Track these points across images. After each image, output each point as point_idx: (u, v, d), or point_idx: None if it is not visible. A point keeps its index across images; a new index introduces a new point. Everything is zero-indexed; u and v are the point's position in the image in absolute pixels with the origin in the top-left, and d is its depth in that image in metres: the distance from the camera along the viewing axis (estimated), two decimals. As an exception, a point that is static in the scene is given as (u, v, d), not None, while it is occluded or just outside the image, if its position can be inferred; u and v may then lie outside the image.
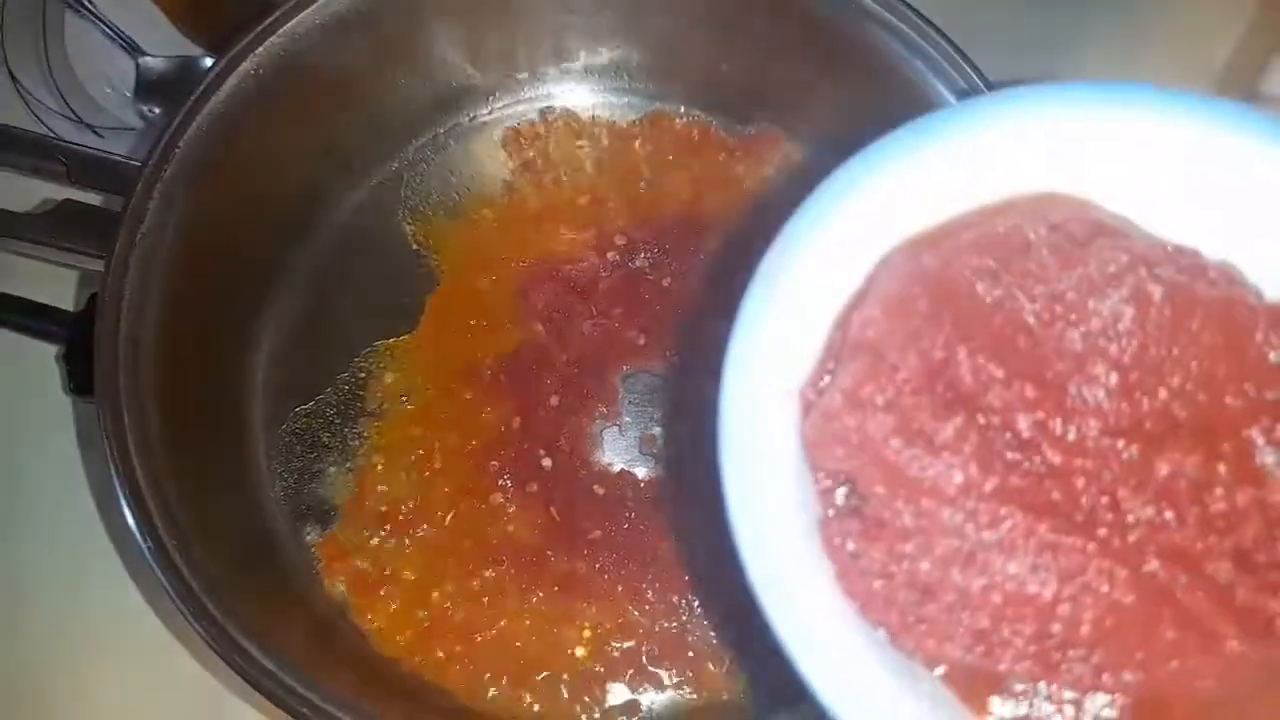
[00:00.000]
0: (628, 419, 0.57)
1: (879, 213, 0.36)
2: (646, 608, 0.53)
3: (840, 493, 0.34)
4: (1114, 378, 0.33)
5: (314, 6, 0.53)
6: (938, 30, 0.52)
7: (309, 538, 0.55)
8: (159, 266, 0.50)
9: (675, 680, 0.52)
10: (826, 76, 0.58)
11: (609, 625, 0.52)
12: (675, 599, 0.53)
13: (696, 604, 0.53)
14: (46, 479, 0.60)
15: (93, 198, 0.56)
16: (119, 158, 0.55)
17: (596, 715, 0.51)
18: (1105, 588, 0.32)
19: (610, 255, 0.59)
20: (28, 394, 0.61)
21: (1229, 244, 0.36)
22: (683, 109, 0.63)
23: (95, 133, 0.64)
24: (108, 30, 0.66)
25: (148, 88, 0.65)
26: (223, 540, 0.49)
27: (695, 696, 0.52)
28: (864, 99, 0.57)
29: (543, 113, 0.63)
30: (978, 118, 0.36)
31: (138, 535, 0.46)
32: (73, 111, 0.65)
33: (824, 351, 0.35)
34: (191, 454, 0.50)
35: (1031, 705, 0.33)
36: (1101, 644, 0.32)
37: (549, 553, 0.53)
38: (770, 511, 0.33)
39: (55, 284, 0.61)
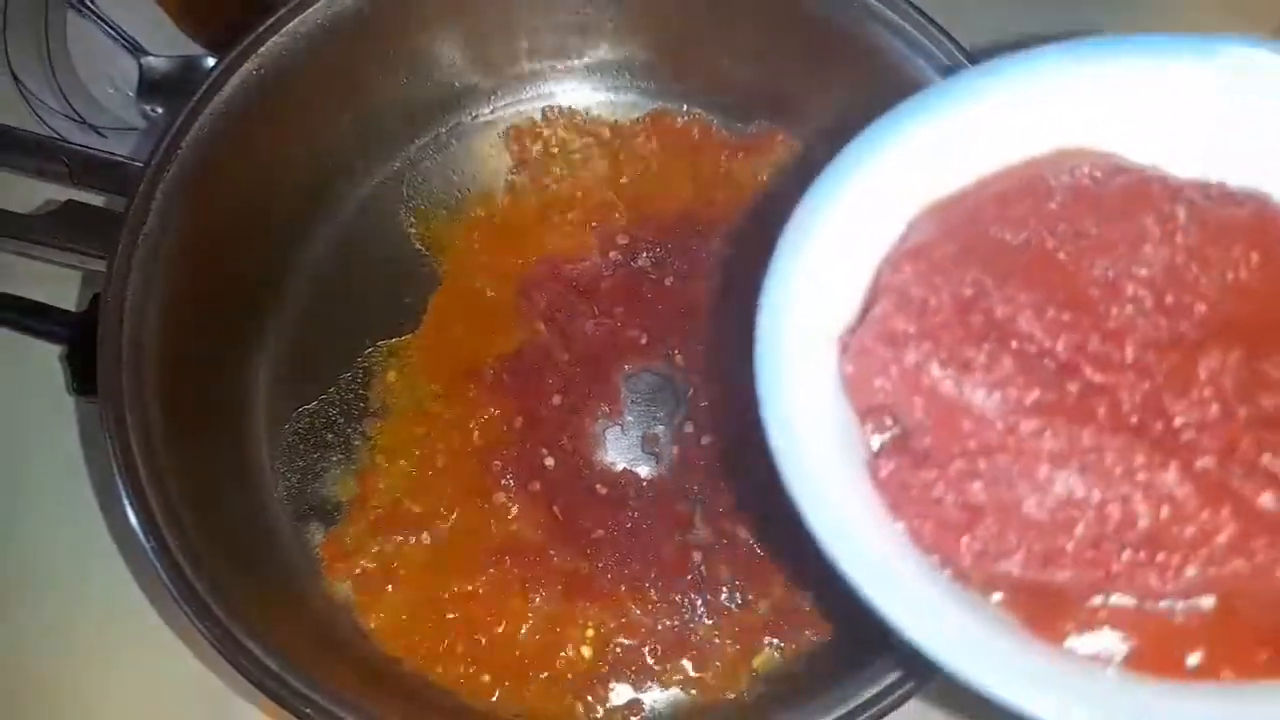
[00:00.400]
0: (630, 418, 0.57)
1: (903, 173, 0.36)
2: (649, 607, 0.53)
3: (883, 429, 0.35)
4: (1147, 297, 0.34)
5: (316, 6, 0.53)
6: (940, 29, 0.52)
7: (312, 537, 0.55)
8: (161, 267, 0.50)
9: (678, 679, 0.52)
10: (828, 75, 0.58)
11: (612, 624, 0.52)
12: (678, 598, 0.53)
13: (699, 603, 0.53)
14: (50, 479, 0.60)
15: (96, 198, 0.56)
16: (121, 158, 0.55)
17: (599, 714, 0.51)
18: (1159, 486, 0.32)
19: (612, 254, 0.59)
20: (31, 394, 0.61)
21: (1256, 175, 0.36)
22: (684, 107, 0.63)
23: (98, 133, 0.65)
24: (110, 30, 0.66)
25: (150, 88, 0.66)
26: (225, 539, 0.49)
27: (698, 695, 0.52)
28: (866, 98, 0.56)
29: (544, 111, 0.63)
30: (1000, 77, 0.37)
31: (140, 535, 0.46)
32: (75, 112, 0.65)
33: (857, 302, 0.36)
34: (194, 453, 0.50)
35: (1103, 630, 0.33)
36: (1162, 544, 0.32)
37: (551, 552, 0.53)
38: (817, 457, 0.33)
39: (58, 284, 0.61)
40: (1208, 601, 0.33)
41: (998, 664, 0.31)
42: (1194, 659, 0.32)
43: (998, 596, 0.33)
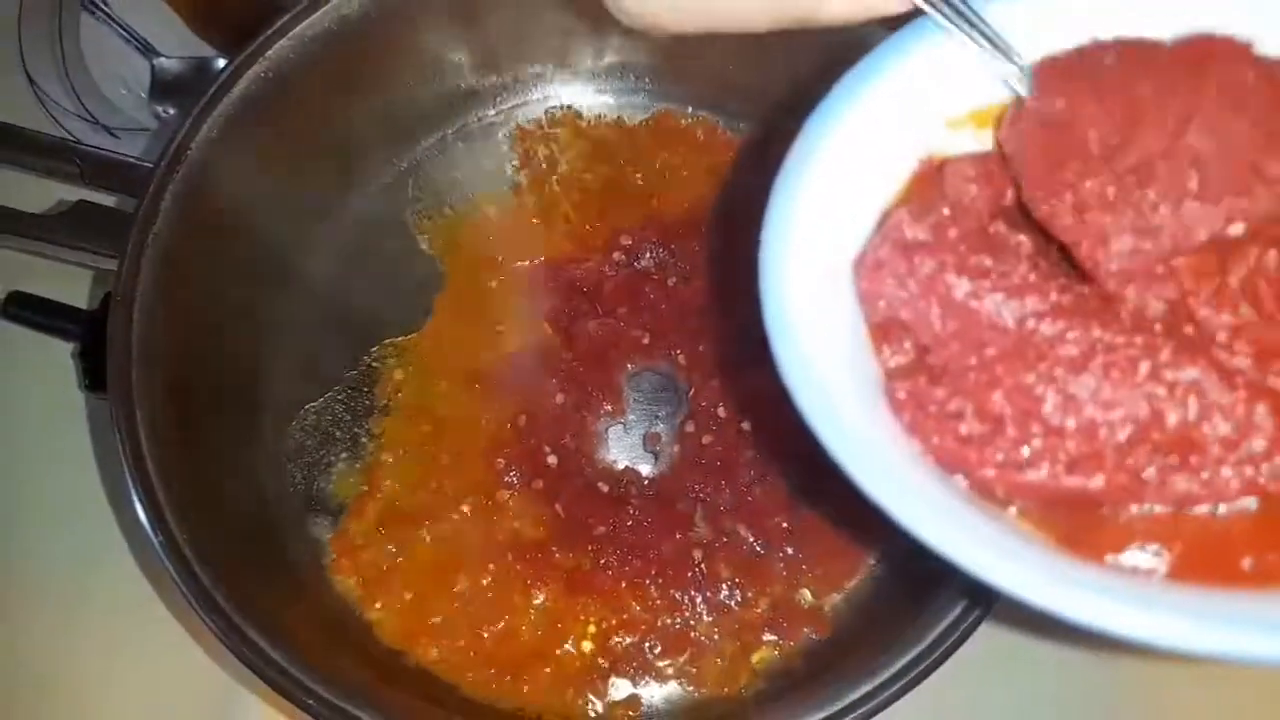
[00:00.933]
0: (633, 417, 0.58)
1: (913, 92, 0.36)
2: (650, 603, 0.53)
3: (899, 349, 0.34)
4: (1193, 178, 0.32)
5: (324, 9, 0.54)
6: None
7: (318, 532, 0.56)
8: (171, 266, 0.51)
9: (678, 675, 0.53)
10: (834, 77, 0.58)
11: (613, 621, 0.53)
12: (678, 595, 0.53)
13: (699, 600, 0.53)
14: (61, 474, 0.61)
15: (107, 198, 0.57)
16: (132, 159, 0.56)
17: (599, 709, 0.52)
18: (1187, 384, 0.30)
19: (616, 255, 0.60)
20: (44, 390, 0.62)
21: None
22: (689, 109, 0.64)
23: (110, 134, 0.65)
24: (123, 32, 0.67)
25: (162, 89, 0.66)
26: (233, 534, 0.50)
27: (697, 691, 0.52)
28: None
29: (549, 113, 0.64)
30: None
31: (149, 529, 0.46)
32: (88, 112, 0.66)
33: (869, 225, 0.35)
34: (202, 450, 0.51)
35: (1143, 541, 0.31)
36: (1194, 445, 0.30)
37: (554, 549, 0.54)
38: (833, 382, 0.32)
39: (71, 283, 0.62)
40: (1249, 502, 0.31)
41: (1041, 572, 0.29)
42: (1246, 563, 0.30)
43: (1026, 514, 0.32)
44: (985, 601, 0.45)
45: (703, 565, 0.54)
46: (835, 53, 0.56)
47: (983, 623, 0.45)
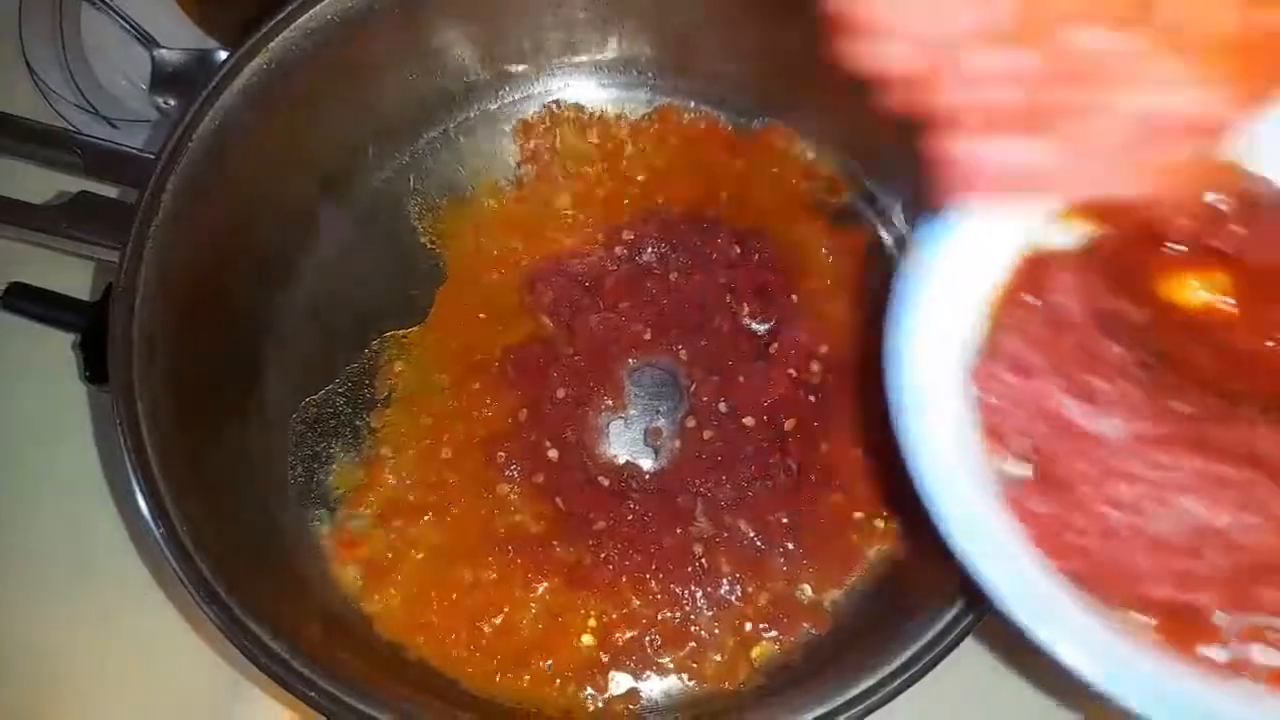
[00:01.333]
0: (633, 411, 0.58)
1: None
2: (650, 598, 0.53)
3: (1012, 455, 0.37)
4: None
5: (326, 1, 0.53)
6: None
7: (318, 525, 0.56)
8: (172, 258, 0.51)
9: (677, 670, 0.53)
10: (834, 72, 0.58)
11: (613, 615, 0.53)
12: (678, 589, 0.53)
13: (699, 595, 0.54)
14: (62, 465, 0.61)
15: (108, 190, 0.57)
16: (134, 150, 0.56)
17: (599, 703, 0.52)
18: None
19: (618, 249, 0.60)
20: (45, 381, 0.62)
21: None
22: (691, 103, 0.63)
23: (111, 125, 0.65)
24: (124, 23, 0.67)
25: (163, 80, 0.66)
26: (234, 527, 0.50)
27: (697, 686, 0.53)
28: (871, 93, 0.57)
29: (551, 107, 0.63)
30: None
31: (150, 521, 0.46)
32: (89, 104, 0.65)
33: (980, 339, 0.38)
34: (203, 441, 0.51)
35: (1238, 647, 0.34)
36: None
37: (554, 543, 0.54)
38: (964, 489, 0.35)
39: (72, 274, 0.62)
40: None
41: (1147, 687, 0.33)
42: None
43: (1134, 616, 0.35)
44: (984, 603, 0.45)
45: (703, 560, 0.54)
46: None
47: (981, 620, 0.45)
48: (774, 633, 0.53)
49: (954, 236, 0.38)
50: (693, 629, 0.53)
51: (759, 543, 0.54)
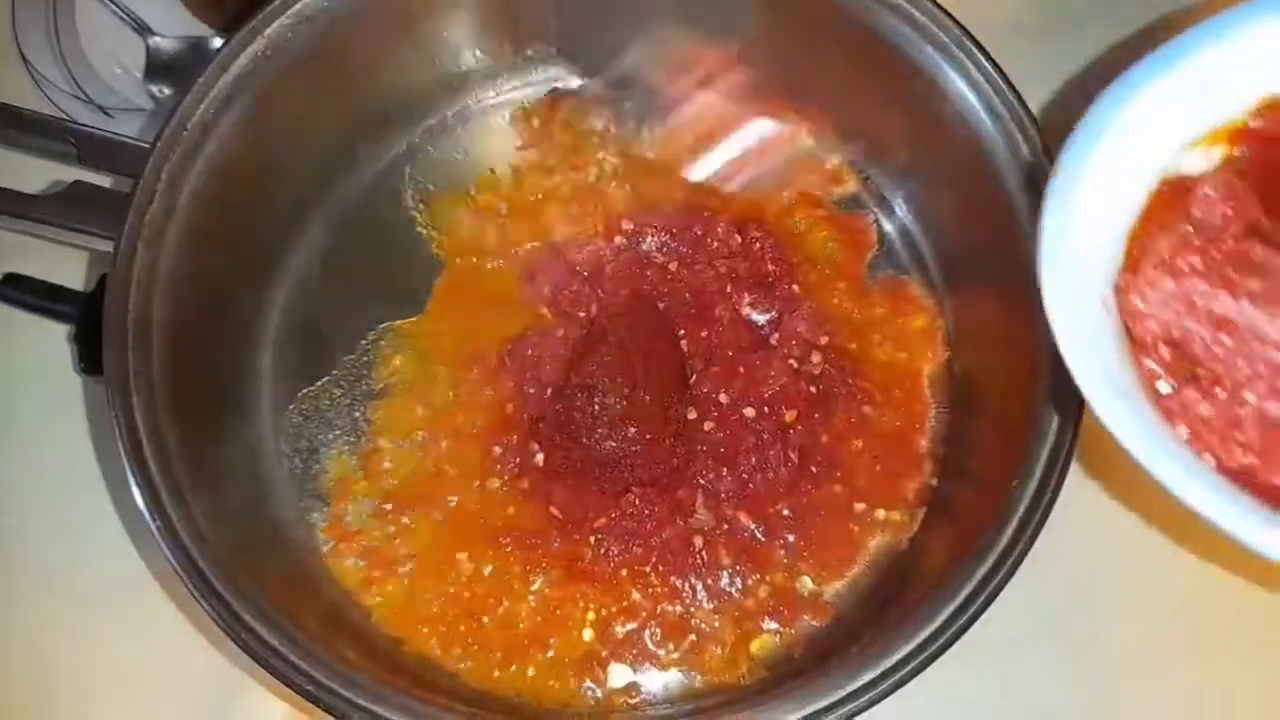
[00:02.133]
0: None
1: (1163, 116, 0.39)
2: (650, 590, 0.53)
3: (1165, 360, 0.38)
4: None
5: (323, -12, 0.53)
6: (950, 16, 0.52)
7: (315, 518, 0.55)
8: (167, 247, 0.50)
9: (677, 663, 0.52)
10: (837, 63, 0.58)
11: (612, 608, 0.53)
12: (678, 582, 0.53)
13: (699, 587, 0.53)
14: (57, 457, 0.60)
15: (102, 179, 0.56)
16: (128, 139, 0.56)
17: (599, 695, 0.52)
18: None
19: (617, 239, 0.59)
20: (39, 373, 0.62)
21: None
22: (692, 95, 0.63)
23: (106, 113, 0.65)
24: (118, 11, 0.66)
25: (157, 69, 0.66)
26: (230, 519, 0.50)
27: (697, 679, 0.52)
28: (873, 84, 0.56)
29: (550, 95, 0.63)
30: None
31: (146, 514, 0.46)
32: (83, 92, 0.65)
33: (1126, 257, 0.39)
34: (199, 433, 0.51)
35: None
36: None
37: (553, 535, 0.54)
38: (1120, 403, 0.36)
39: (66, 264, 0.61)
40: None
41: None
42: None
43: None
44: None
45: (703, 552, 0.53)
46: (845, 41, 0.55)
47: (985, 612, 0.45)
48: (774, 625, 0.53)
49: (1094, 161, 0.38)
50: (693, 621, 0.53)
51: (759, 534, 0.54)
